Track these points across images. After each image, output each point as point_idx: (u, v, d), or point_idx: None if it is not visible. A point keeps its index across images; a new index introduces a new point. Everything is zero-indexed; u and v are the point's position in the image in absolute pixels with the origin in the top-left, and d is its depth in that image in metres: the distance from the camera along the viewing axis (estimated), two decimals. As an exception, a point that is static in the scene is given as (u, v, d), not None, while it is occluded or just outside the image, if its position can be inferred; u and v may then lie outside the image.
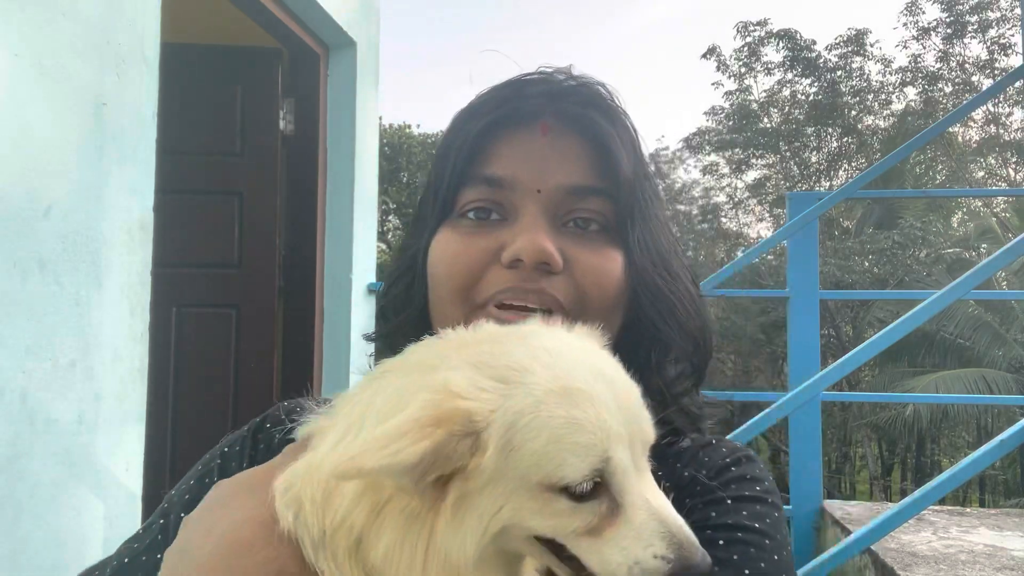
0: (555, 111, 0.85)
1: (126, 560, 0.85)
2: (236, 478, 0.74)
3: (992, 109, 19.62)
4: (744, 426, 2.93)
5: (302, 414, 0.90)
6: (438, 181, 0.87)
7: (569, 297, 0.81)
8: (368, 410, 0.64)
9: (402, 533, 0.60)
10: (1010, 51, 18.57)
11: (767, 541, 0.77)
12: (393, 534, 0.60)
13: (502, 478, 0.58)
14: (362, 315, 4.08)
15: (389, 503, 0.60)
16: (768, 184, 22.23)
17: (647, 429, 0.64)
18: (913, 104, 20.14)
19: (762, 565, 0.75)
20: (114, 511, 2.29)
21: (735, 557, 0.75)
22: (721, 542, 0.75)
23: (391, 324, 0.91)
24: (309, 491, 0.63)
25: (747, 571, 0.74)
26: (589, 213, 0.84)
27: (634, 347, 0.83)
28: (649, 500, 0.61)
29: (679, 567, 0.58)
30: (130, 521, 2.38)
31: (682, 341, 0.86)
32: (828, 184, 20.71)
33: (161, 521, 0.88)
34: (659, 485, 0.64)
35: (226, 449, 0.93)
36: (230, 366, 3.80)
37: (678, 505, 0.65)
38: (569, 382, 0.60)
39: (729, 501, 0.79)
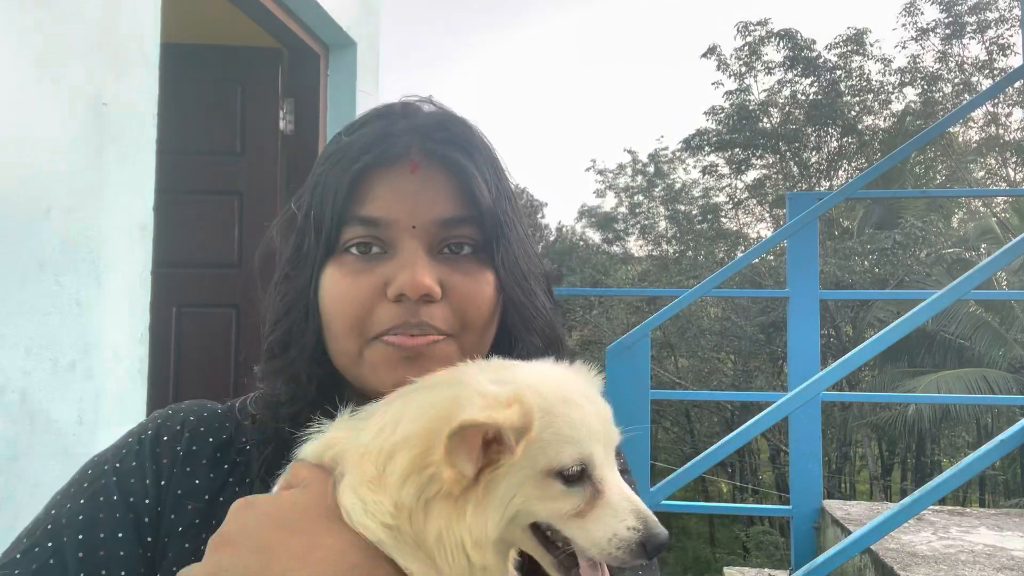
0: (420, 148, 0.92)
1: None
2: (272, 504, 0.76)
3: (992, 109, 19.62)
4: (744, 426, 2.94)
5: (207, 422, 0.97)
6: (318, 220, 0.92)
7: (450, 322, 0.90)
8: (402, 416, 0.77)
9: (445, 514, 0.73)
10: (1009, 51, 18.58)
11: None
12: (438, 518, 0.73)
13: (518, 468, 0.73)
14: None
15: (432, 499, 0.73)
16: (768, 184, 22.23)
17: (615, 436, 0.81)
18: (913, 105, 20.15)
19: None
20: (114, 511, 2.30)
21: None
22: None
23: (289, 356, 0.93)
24: (379, 511, 0.74)
25: None
26: (460, 239, 0.92)
27: (500, 354, 0.91)
28: (621, 487, 0.77)
29: (645, 535, 0.74)
30: (130, 521, 2.38)
31: (538, 348, 0.95)
32: (828, 184, 20.71)
33: (49, 544, 0.84)
34: None
35: (118, 465, 0.91)
36: (230, 366, 3.80)
37: None
38: (567, 393, 0.78)
39: None
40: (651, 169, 25.23)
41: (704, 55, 21.75)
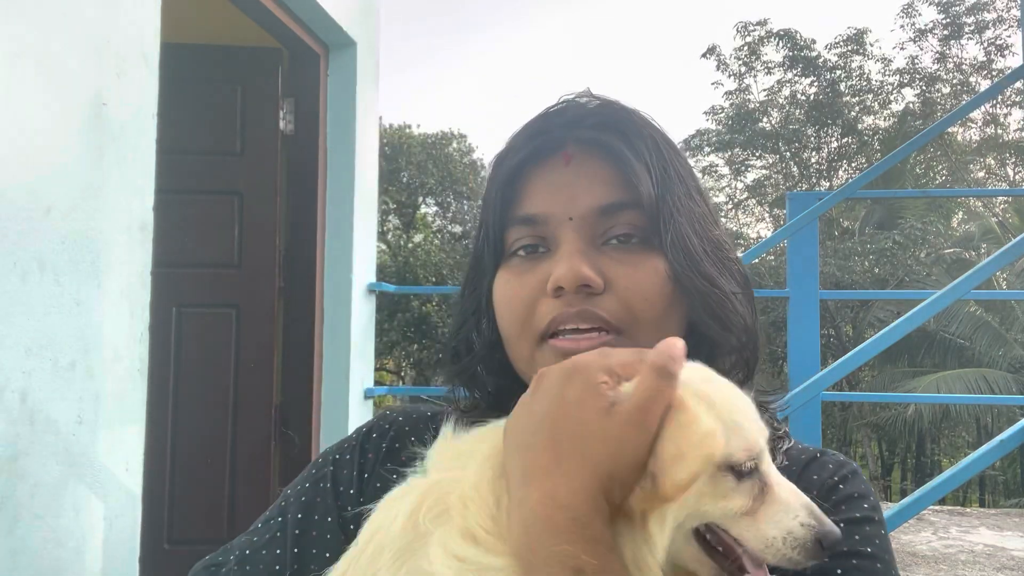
0: (573, 139, 0.90)
1: (247, 552, 0.94)
2: None
3: (991, 110, 19.63)
4: (744, 426, 2.93)
5: (412, 424, 1.01)
6: (486, 226, 0.93)
7: (616, 314, 0.85)
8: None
9: (630, 544, 0.67)
10: (1007, 52, 18.59)
11: (878, 564, 0.82)
12: (626, 551, 0.67)
13: None
14: (362, 315, 4.08)
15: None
16: (768, 184, 22.23)
17: (766, 430, 0.75)
18: (912, 105, 20.15)
19: None
20: (114, 511, 2.29)
21: None
22: (839, 571, 0.80)
23: (465, 361, 0.96)
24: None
25: None
26: (625, 228, 0.88)
27: (691, 350, 0.86)
28: (787, 482, 0.72)
29: (821, 532, 0.68)
30: (130, 521, 2.38)
31: (727, 338, 0.89)
32: (828, 184, 20.70)
33: (279, 519, 0.95)
34: None
35: (337, 456, 1.00)
36: (230, 366, 3.80)
37: None
38: (722, 383, 0.74)
39: (842, 525, 0.79)
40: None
41: (704, 55, 21.75)
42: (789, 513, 0.69)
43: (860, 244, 18.40)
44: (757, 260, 17.31)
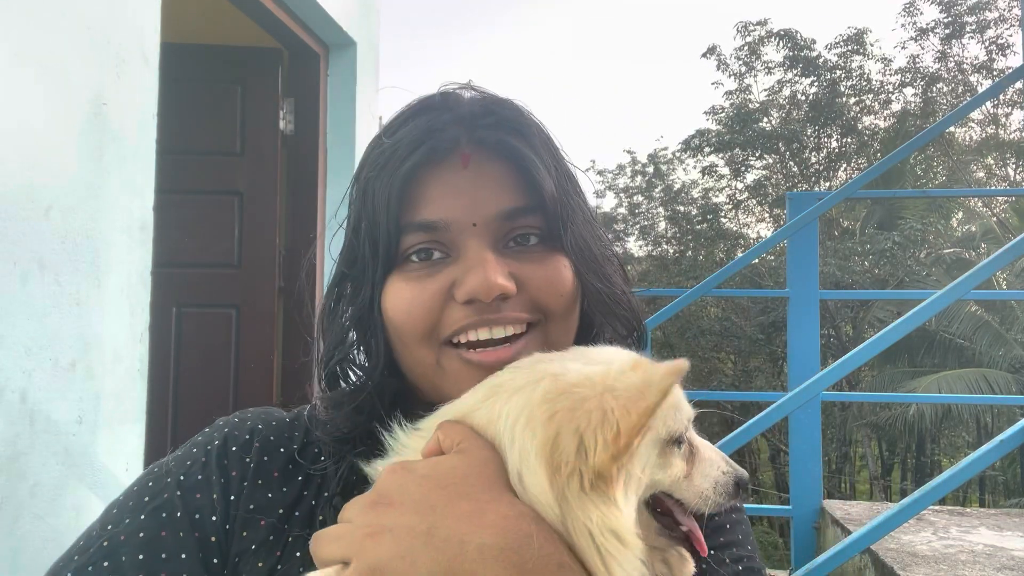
0: (470, 139, 0.85)
1: None
2: (432, 468, 0.70)
3: (991, 110, 19.62)
4: (744, 426, 2.93)
5: (277, 432, 0.90)
6: (372, 230, 0.85)
7: (531, 313, 0.84)
8: (514, 423, 0.72)
9: (585, 505, 0.68)
10: (1008, 51, 18.58)
11: (744, 515, 0.96)
12: (578, 510, 0.67)
13: (649, 442, 0.73)
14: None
15: (567, 489, 0.67)
16: (768, 184, 22.22)
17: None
18: (912, 105, 20.15)
19: (751, 537, 0.93)
20: (114, 511, 2.29)
21: (739, 536, 0.94)
22: (727, 525, 0.93)
23: (374, 382, 0.87)
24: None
25: (749, 546, 0.92)
26: (525, 229, 0.86)
27: (578, 338, 0.90)
28: (705, 442, 0.81)
29: (736, 475, 0.80)
30: (130, 521, 2.38)
31: (620, 336, 0.93)
32: (828, 184, 20.70)
33: (106, 564, 0.77)
34: None
35: (182, 478, 0.84)
36: (230, 366, 3.80)
37: None
38: (627, 354, 0.80)
39: None
40: (650, 170, 25.21)
41: (704, 55, 21.76)
42: (713, 467, 0.79)
43: (860, 244, 18.39)
44: (757, 260, 17.32)
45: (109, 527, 0.80)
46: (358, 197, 0.89)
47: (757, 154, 21.85)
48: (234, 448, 0.87)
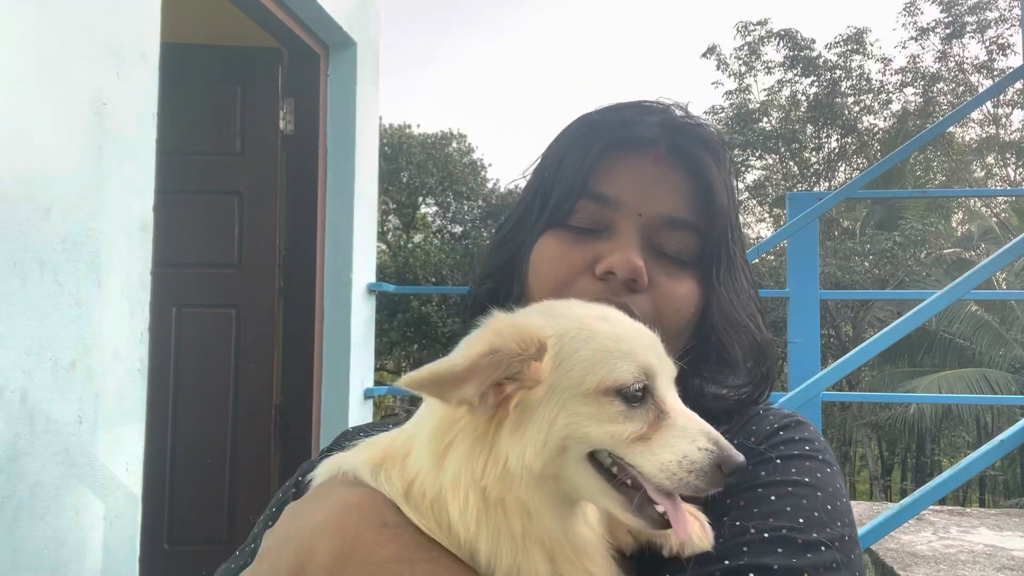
0: (670, 144, 0.92)
1: None
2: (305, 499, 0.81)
3: (991, 110, 19.62)
4: (744, 426, 2.92)
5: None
6: (548, 187, 0.93)
7: (647, 315, 0.86)
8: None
9: (467, 454, 0.68)
10: (1008, 51, 18.58)
11: (819, 493, 0.81)
12: (458, 460, 0.68)
13: (558, 388, 0.68)
14: (362, 315, 4.08)
15: (453, 442, 0.69)
16: (768, 184, 22.22)
17: (671, 365, 0.74)
18: (911, 105, 20.14)
19: (815, 514, 0.78)
20: (114, 511, 2.29)
21: (787, 508, 0.78)
22: (772, 497, 0.80)
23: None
24: (390, 458, 0.75)
25: (800, 520, 0.77)
26: (678, 245, 0.92)
27: (699, 362, 0.91)
28: (686, 409, 0.71)
29: (720, 456, 0.66)
30: (130, 521, 2.38)
31: (748, 367, 0.95)
32: (828, 184, 20.70)
33: (252, 545, 0.96)
34: None
35: (299, 479, 1.00)
36: (230, 366, 3.80)
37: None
38: (605, 312, 0.75)
39: (778, 460, 0.84)
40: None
41: (704, 55, 21.75)
42: (685, 438, 0.68)
43: (860, 244, 18.39)
44: (757, 260, 17.31)
45: (261, 516, 1.00)
46: (552, 155, 0.96)
47: (757, 154, 21.85)
48: (300, 477, 1.01)
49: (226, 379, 3.78)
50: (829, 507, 0.80)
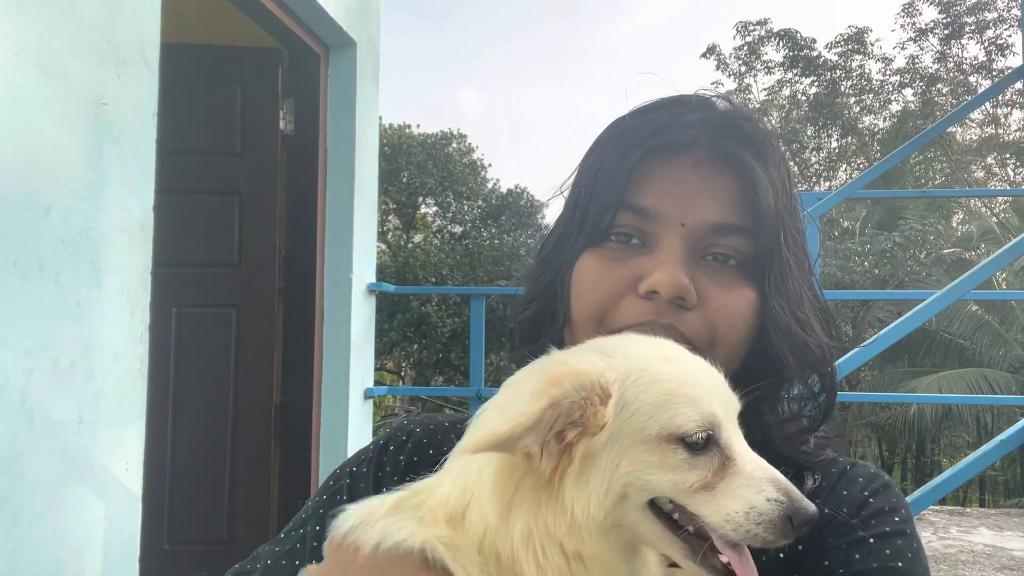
0: (709, 144, 0.86)
1: (269, 561, 0.96)
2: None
3: (991, 110, 19.62)
4: (744, 426, 2.93)
5: (431, 434, 0.99)
6: (585, 202, 0.89)
7: (699, 333, 0.83)
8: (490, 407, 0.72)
9: (533, 507, 0.65)
10: (1007, 52, 18.57)
11: None
12: (525, 514, 0.65)
13: (620, 434, 0.65)
14: (362, 315, 4.08)
15: (517, 493, 0.66)
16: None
17: (735, 401, 0.71)
18: (912, 105, 20.13)
19: None
20: (114, 511, 2.29)
21: None
22: None
23: (536, 345, 0.89)
24: (456, 525, 0.69)
25: None
26: (728, 249, 0.86)
27: (754, 377, 0.84)
28: (754, 455, 0.68)
29: (791, 508, 0.64)
30: (130, 521, 2.38)
31: (806, 381, 0.89)
32: (828, 184, 20.70)
33: (301, 531, 0.97)
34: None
35: (354, 469, 0.99)
36: (230, 366, 3.80)
37: (819, 542, 0.78)
38: (667, 351, 0.72)
39: (872, 540, 0.80)
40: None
41: (704, 55, 21.75)
42: (752, 487, 0.65)
43: (860, 244, 18.38)
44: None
45: (308, 503, 1.01)
46: (588, 168, 0.91)
47: (757, 154, 21.82)
48: (392, 447, 0.99)
49: (226, 379, 3.78)
50: None
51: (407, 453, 0.97)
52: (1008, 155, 20.53)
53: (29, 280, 1.97)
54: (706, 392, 0.68)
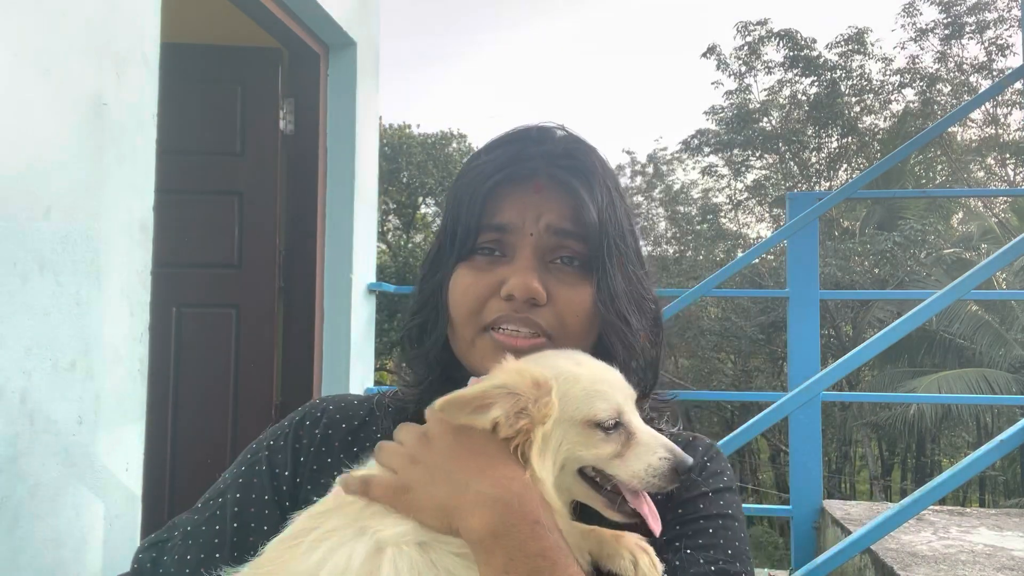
0: (546, 173, 1.08)
1: (189, 528, 1.09)
2: (450, 437, 0.96)
3: (991, 110, 19.61)
4: (744, 426, 2.93)
5: (343, 411, 1.17)
6: (454, 226, 1.09)
7: (551, 324, 1.05)
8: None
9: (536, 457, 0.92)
10: (1008, 52, 18.56)
11: (736, 523, 1.06)
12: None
13: (561, 420, 0.90)
14: (362, 315, 4.08)
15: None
16: (768, 184, 22.21)
17: (632, 392, 0.99)
18: (912, 105, 20.13)
19: (737, 544, 1.03)
20: (114, 511, 2.29)
21: (721, 541, 1.02)
22: (710, 529, 1.03)
23: (424, 346, 1.12)
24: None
25: (729, 551, 1.02)
26: (571, 252, 1.07)
27: (606, 356, 1.06)
28: (649, 429, 0.95)
29: (675, 462, 0.92)
30: (130, 521, 2.38)
31: (629, 361, 1.09)
32: (828, 184, 20.69)
33: (220, 499, 1.10)
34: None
35: (271, 443, 1.14)
36: (230, 366, 3.80)
37: (674, 495, 1.02)
38: (579, 358, 0.99)
39: (710, 494, 1.07)
40: (650, 170, 25.20)
41: (704, 55, 21.73)
42: (649, 451, 0.92)
43: (860, 244, 18.39)
44: (757, 260, 17.32)
45: (225, 475, 1.14)
46: (451, 199, 1.12)
47: (757, 154, 21.84)
48: (308, 422, 1.16)
49: (226, 379, 3.78)
50: (742, 535, 1.05)
51: (322, 427, 1.14)
52: (1008, 155, 20.52)
53: (29, 280, 1.97)
54: (611, 387, 0.94)
